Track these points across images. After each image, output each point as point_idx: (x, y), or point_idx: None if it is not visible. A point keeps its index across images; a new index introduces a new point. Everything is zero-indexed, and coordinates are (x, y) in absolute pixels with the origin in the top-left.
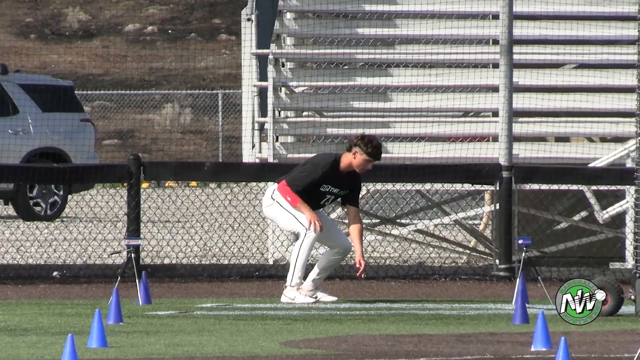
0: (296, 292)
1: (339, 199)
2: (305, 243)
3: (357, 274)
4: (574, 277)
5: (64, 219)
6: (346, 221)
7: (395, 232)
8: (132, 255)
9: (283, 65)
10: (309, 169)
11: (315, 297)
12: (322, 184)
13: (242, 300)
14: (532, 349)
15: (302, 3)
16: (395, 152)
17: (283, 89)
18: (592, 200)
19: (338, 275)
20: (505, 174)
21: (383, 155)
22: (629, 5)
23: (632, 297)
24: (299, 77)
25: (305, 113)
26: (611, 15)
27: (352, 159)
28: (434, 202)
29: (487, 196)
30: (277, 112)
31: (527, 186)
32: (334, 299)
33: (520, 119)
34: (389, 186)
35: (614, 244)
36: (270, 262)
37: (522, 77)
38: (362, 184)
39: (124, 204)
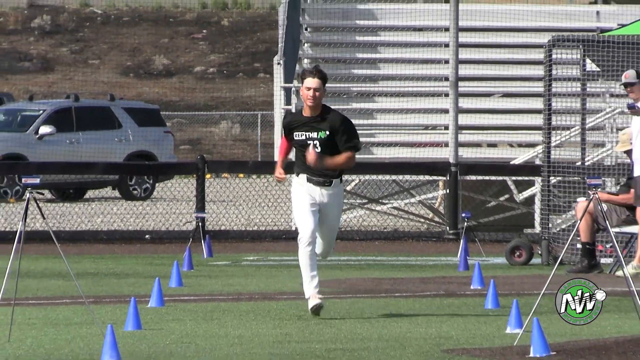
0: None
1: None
2: (300, 249)
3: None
4: (500, 239)
5: (153, 199)
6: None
7: (378, 208)
8: (200, 224)
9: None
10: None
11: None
12: (294, 133)
13: (274, 255)
14: (471, 287)
15: (315, 52)
16: (378, 153)
17: None
18: (512, 187)
19: (339, 237)
20: (453, 168)
21: (370, 156)
22: (539, 53)
23: (539, 252)
24: None
25: None
26: (527, 60)
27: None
28: (404, 188)
29: (440, 184)
30: None
31: (468, 177)
32: (317, 303)
33: (464, 132)
34: (374, 177)
35: (527, 217)
36: (293, 228)
37: (465, 103)
38: (349, 128)
39: (193, 189)
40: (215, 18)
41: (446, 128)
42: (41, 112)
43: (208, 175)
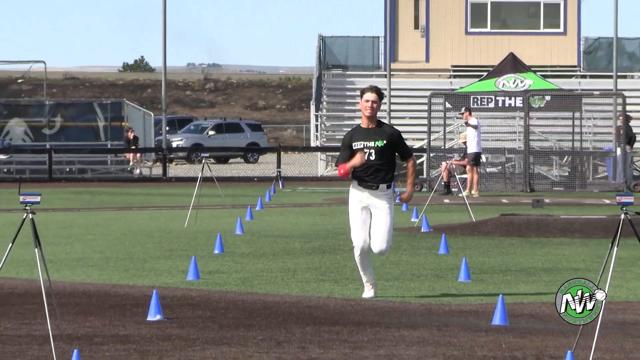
0: (366, 290)
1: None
2: (355, 255)
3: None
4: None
5: (258, 162)
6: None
7: None
8: (278, 172)
9: (321, 118)
10: (342, 145)
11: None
12: (354, 143)
13: (311, 186)
14: (402, 209)
15: (329, 99)
16: None
17: (323, 125)
18: (417, 159)
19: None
20: None
21: None
22: (425, 99)
23: (426, 186)
24: (328, 121)
25: (329, 132)
26: (421, 102)
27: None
28: None
29: None
30: (322, 131)
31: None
32: (371, 295)
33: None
34: None
35: (420, 170)
36: (319, 175)
37: (394, 122)
38: (402, 139)
39: (275, 159)
40: (286, 84)
41: None
42: (209, 125)
43: (282, 153)
